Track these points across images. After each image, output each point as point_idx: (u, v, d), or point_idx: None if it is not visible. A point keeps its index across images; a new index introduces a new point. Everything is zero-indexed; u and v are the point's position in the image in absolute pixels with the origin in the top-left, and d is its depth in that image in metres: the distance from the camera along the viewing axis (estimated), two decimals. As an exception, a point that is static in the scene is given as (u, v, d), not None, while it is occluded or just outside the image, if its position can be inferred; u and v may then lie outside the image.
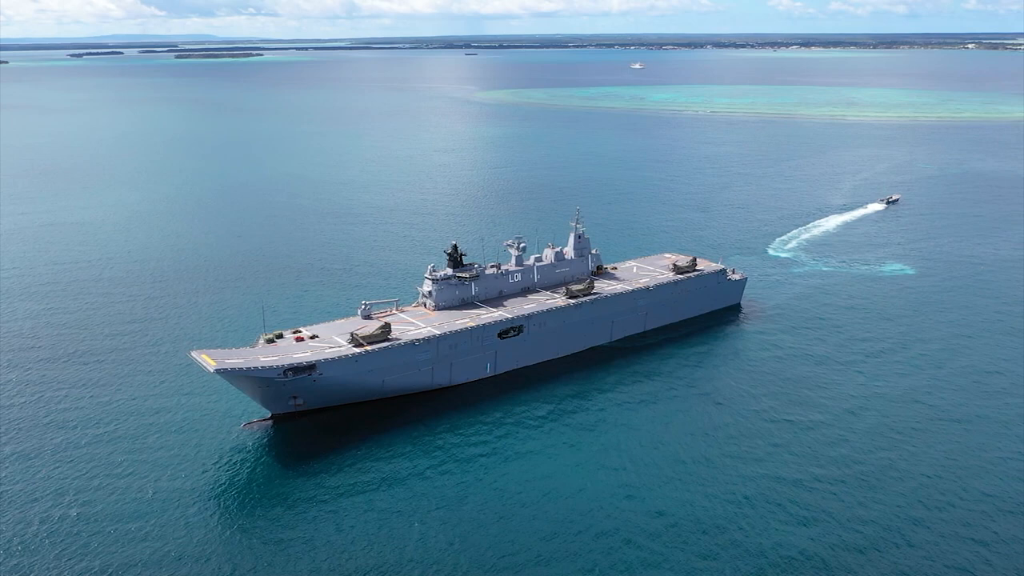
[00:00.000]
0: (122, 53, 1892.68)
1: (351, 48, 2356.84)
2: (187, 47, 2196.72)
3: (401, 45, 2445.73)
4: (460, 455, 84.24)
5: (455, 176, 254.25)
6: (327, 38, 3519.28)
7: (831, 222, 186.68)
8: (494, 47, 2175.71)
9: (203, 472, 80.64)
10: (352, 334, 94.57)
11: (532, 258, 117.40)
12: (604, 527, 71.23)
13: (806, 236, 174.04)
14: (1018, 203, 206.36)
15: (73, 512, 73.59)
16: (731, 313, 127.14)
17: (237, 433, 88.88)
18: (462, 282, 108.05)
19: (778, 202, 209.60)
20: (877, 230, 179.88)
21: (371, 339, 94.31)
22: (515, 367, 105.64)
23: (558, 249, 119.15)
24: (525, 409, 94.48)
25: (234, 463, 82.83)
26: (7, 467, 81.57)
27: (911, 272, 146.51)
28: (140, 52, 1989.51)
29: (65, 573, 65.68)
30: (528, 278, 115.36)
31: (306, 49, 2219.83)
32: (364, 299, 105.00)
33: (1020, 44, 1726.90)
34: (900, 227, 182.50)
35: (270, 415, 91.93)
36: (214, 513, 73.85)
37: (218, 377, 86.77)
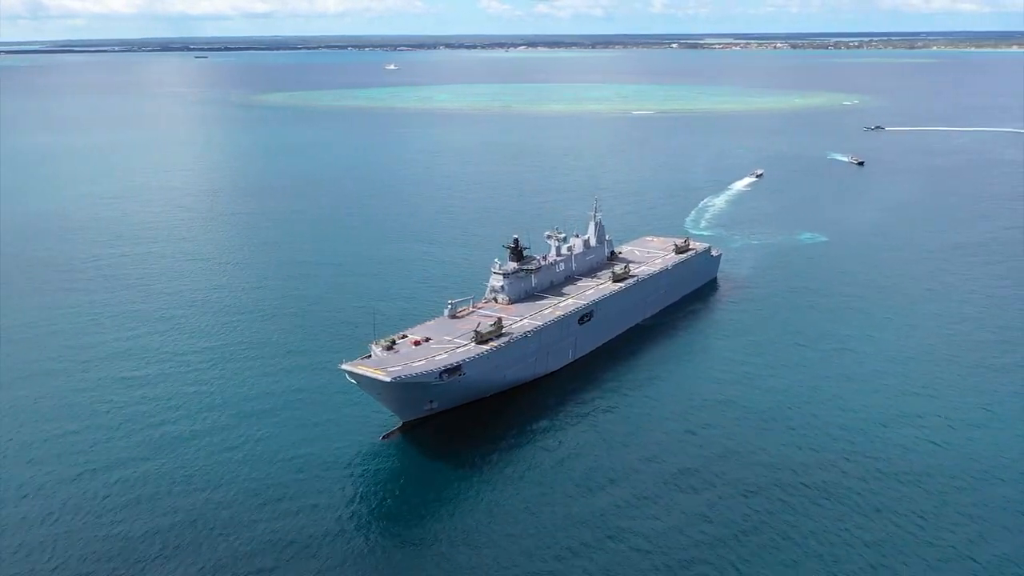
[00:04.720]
0: None
1: (51, 51, 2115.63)
2: None
3: (110, 48, 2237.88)
4: (596, 434, 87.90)
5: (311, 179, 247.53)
6: (10, 40, 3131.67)
7: (718, 200, 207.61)
8: (219, 49, 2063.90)
9: (377, 496, 77.14)
10: (476, 332, 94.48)
11: (566, 247, 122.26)
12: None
13: (708, 215, 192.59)
14: (844, 177, 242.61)
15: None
16: (714, 286, 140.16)
17: (380, 446, 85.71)
18: (528, 274, 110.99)
19: (654, 187, 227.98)
20: (763, 204, 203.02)
21: (493, 335, 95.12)
22: (589, 351, 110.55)
23: (585, 238, 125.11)
24: (616, 385, 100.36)
25: (401, 478, 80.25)
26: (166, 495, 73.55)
27: (824, 239, 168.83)
28: None
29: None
30: (568, 266, 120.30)
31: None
32: (449, 298, 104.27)
33: (712, 44, 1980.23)
34: (779, 200, 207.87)
35: (402, 423, 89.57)
36: (407, 534, 71.49)
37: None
